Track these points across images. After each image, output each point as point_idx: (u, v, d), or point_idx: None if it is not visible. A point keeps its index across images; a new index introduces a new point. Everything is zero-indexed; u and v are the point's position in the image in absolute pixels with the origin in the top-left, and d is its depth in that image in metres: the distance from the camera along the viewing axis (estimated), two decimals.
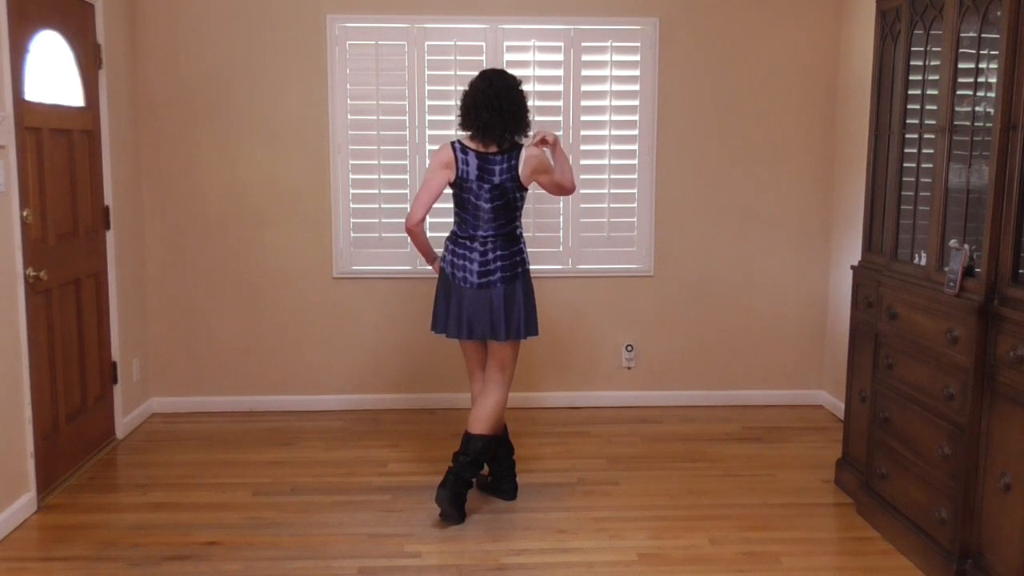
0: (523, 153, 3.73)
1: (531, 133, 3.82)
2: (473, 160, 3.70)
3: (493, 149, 3.72)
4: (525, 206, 3.89)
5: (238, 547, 3.52)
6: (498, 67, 4.06)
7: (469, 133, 3.74)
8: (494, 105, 3.65)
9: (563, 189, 3.91)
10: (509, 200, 3.74)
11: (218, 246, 5.12)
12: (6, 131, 3.61)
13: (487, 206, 3.72)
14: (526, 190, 3.79)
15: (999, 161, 2.96)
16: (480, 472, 3.85)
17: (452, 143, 3.76)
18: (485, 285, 3.73)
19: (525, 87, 3.82)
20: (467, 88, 3.77)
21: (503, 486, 3.97)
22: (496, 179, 3.70)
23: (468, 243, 3.76)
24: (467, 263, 3.75)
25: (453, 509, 3.68)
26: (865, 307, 3.91)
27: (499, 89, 3.68)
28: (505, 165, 3.70)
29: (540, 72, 5.04)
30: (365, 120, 5.04)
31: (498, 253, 3.74)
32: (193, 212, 5.09)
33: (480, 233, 3.75)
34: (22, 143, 3.75)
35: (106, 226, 4.62)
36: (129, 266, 4.89)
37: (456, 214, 3.82)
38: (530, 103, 4.91)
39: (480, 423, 3.79)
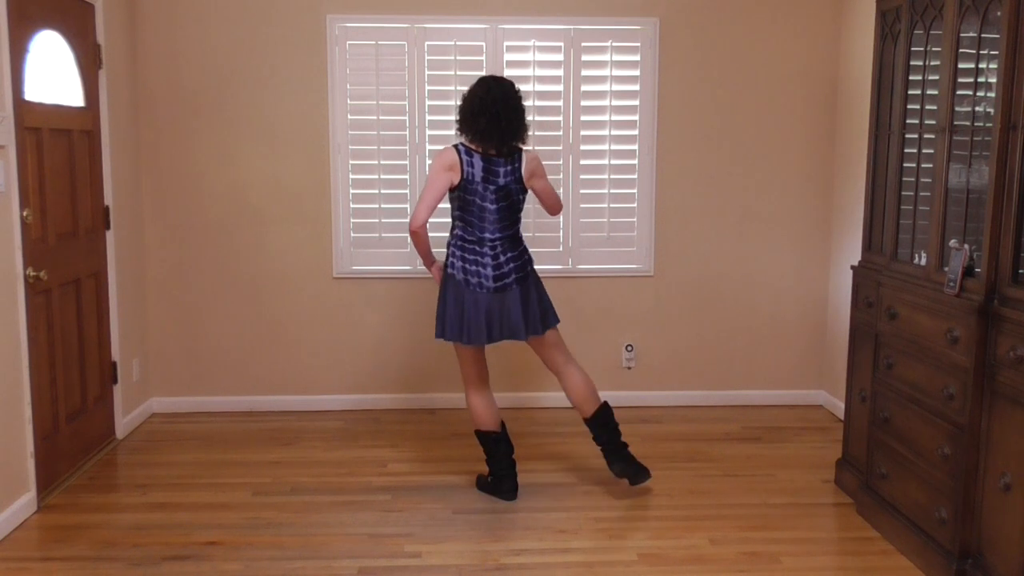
0: (524, 155, 3.81)
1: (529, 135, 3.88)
2: (478, 162, 3.73)
3: (493, 152, 3.76)
4: (525, 206, 3.93)
5: (238, 547, 3.52)
6: (496, 73, 4.10)
7: (468, 138, 3.77)
8: (491, 111, 3.70)
9: (554, 200, 4.00)
10: (513, 202, 3.80)
11: (218, 246, 5.13)
12: (6, 131, 3.61)
13: (492, 207, 3.75)
14: (527, 192, 3.84)
15: (999, 161, 2.96)
16: (618, 434, 4.00)
17: (456, 146, 3.79)
18: (501, 288, 3.78)
19: (525, 87, 3.87)
20: (465, 94, 3.82)
21: (503, 486, 3.97)
22: (501, 180, 3.75)
23: (477, 247, 3.78)
24: (480, 268, 3.77)
25: (633, 467, 3.93)
26: (865, 307, 3.91)
27: (496, 95, 3.73)
28: (509, 167, 3.76)
29: (540, 72, 5.04)
30: (365, 120, 5.04)
31: (509, 255, 3.80)
32: (193, 212, 5.09)
33: (487, 236, 3.78)
34: (22, 143, 3.75)
35: (106, 226, 4.62)
36: (129, 266, 4.89)
37: (459, 218, 3.82)
38: (530, 103, 4.94)
39: (587, 406, 3.97)
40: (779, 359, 5.38)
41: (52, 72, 4.10)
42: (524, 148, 3.85)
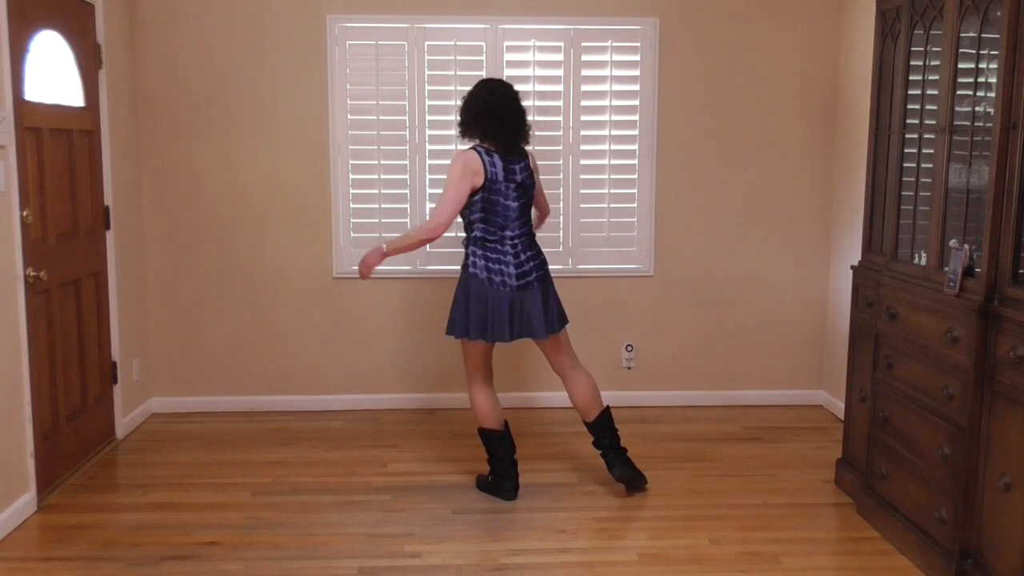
0: (529, 153, 3.94)
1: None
2: (499, 162, 3.79)
3: (502, 152, 3.81)
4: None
5: (238, 547, 3.52)
6: (497, 73, 4.13)
7: (476, 141, 3.82)
8: (496, 114, 3.77)
9: (544, 198, 4.16)
10: (529, 197, 3.90)
11: (218, 246, 5.13)
12: (6, 131, 3.61)
13: (514, 204, 3.82)
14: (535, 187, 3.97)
15: (999, 161, 2.96)
16: (618, 438, 4.04)
17: (475, 149, 3.79)
18: (524, 287, 3.83)
19: (525, 87, 3.94)
20: (466, 97, 3.85)
21: (504, 485, 3.97)
22: (518, 177, 3.83)
23: (499, 246, 3.82)
24: (503, 266, 3.80)
25: (633, 471, 3.98)
26: (865, 307, 3.91)
27: (500, 97, 3.80)
28: (523, 164, 3.86)
29: (540, 72, 5.04)
30: (365, 120, 5.04)
31: (528, 253, 3.87)
32: (193, 212, 5.09)
33: (508, 234, 3.83)
34: (22, 143, 3.75)
35: (106, 226, 4.62)
36: (129, 266, 4.89)
37: (481, 219, 3.81)
38: (530, 103, 4.95)
39: (591, 409, 4.00)
40: (779, 359, 5.37)
41: (52, 72, 4.10)
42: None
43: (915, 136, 3.60)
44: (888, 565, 3.41)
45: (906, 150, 3.64)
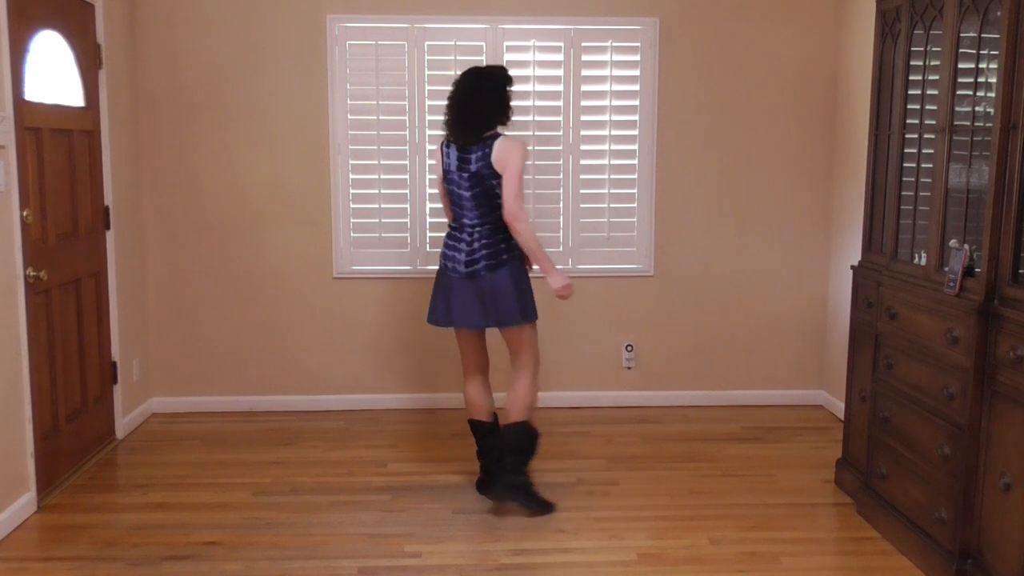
0: (498, 142, 3.72)
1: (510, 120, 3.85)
2: (453, 152, 3.81)
3: (462, 141, 3.77)
4: (524, 205, 3.87)
5: (238, 547, 3.52)
6: (479, 66, 4.02)
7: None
8: (457, 109, 3.79)
9: (509, 195, 3.69)
10: (487, 188, 3.75)
11: (218, 246, 5.12)
12: (6, 131, 3.61)
13: (467, 194, 3.79)
14: (500, 178, 3.73)
15: (999, 161, 2.96)
16: (523, 463, 3.87)
17: (441, 142, 3.88)
18: (472, 275, 3.78)
19: (525, 87, 3.88)
20: None
21: (501, 481, 3.94)
22: (473, 167, 3.76)
23: (457, 234, 3.84)
24: (456, 253, 3.82)
25: (503, 489, 3.82)
26: (865, 307, 3.91)
27: (458, 86, 3.83)
28: (480, 153, 3.73)
29: (540, 72, 5.04)
30: (365, 120, 5.04)
31: (483, 242, 3.79)
32: (193, 212, 5.09)
33: (466, 223, 3.82)
34: (22, 143, 3.75)
35: (106, 226, 4.62)
36: (129, 266, 4.89)
37: (450, 208, 3.92)
38: (530, 103, 4.94)
39: (512, 412, 3.88)
40: (779, 359, 5.37)
41: (52, 72, 4.10)
42: (505, 136, 3.77)
43: (915, 136, 3.60)
44: (888, 565, 3.41)
45: (906, 150, 3.64)
